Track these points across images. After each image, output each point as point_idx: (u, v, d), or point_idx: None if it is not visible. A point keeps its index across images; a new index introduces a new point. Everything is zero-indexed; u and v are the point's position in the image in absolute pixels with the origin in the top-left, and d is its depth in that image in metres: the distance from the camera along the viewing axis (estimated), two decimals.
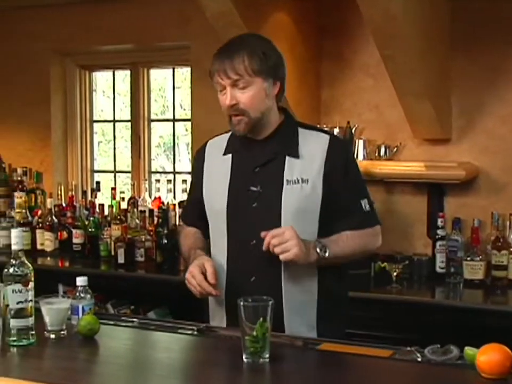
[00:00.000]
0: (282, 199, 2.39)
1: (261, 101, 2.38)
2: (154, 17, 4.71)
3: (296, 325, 2.39)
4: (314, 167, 2.40)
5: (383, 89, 4.09)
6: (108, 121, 5.42)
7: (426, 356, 2.01)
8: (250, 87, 2.35)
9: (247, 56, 2.34)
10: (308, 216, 2.40)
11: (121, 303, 4.12)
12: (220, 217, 2.48)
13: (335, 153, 2.42)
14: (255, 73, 2.35)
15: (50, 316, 2.17)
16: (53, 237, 4.63)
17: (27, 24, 5.12)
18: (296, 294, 2.40)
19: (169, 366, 2.00)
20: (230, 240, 2.46)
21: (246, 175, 2.46)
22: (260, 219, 2.40)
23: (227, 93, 2.36)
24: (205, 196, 2.55)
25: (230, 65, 2.33)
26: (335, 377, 1.91)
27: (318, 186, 2.39)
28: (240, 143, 2.48)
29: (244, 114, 2.37)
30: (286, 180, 2.39)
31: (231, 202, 2.45)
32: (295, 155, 2.42)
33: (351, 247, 2.45)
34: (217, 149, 2.56)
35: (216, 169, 2.53)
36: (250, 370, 1.93)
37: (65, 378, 1.84)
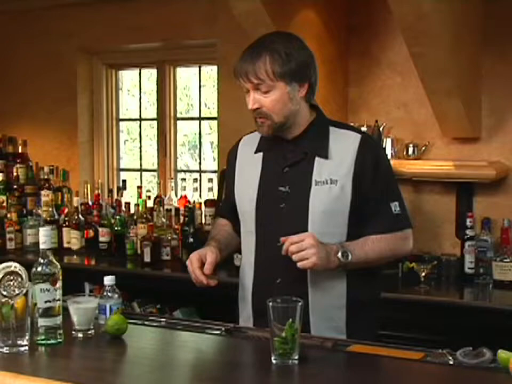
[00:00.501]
0: (309, 200, 2.36)
1: (284, 105, 2.35)
2: (181, 15, 4.70)
3: (322, 329, 2.36)
4: (343, 167, 2.36)
5: (411, 87, 4.05)
6: (134, 120, 5.42)
7: (458, 359, 1.97)
8: (272, 91, 2.32)
9: (269, 59, 2.30)
10: (336, 218, 2.37)
11: (147, 302, 4.12)
12: (249, 216, 2.47)
13: (365, 153, 2.38)
14: (277, 77, 2.31)
15: (78, 316, 2.17)
16: (79, 235, 4.64)
17: (54, 23, 5.14)
18: (324, 298, 2.37)
19: (197, 366, 1.99)
20: (258, 240, 2.45)
21: (275, 174, 2.43)
22: (287, 220, 2.38)
23: (250, 96, 2.35)
24: (236, 193, 2.54)
25: (252, 69, 2.31)
26: (365, 380, 1.88)
27: (347, 188, 2.35)
28: (271, 141, 2.46)
29: (267, 118, 2.35)
30: (314, 180, 2.36)
31: (260, 202, 2.44)
32: (325, 155, 2.38)
33: (377, 251, 2.40)
34: (249, 146, 2.54)
35: (247, 168, 2.52)
36: (279, 372, 1.90)
37: (93, 379, 1.83)
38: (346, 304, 2.39)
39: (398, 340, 2.60)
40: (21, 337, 2.03)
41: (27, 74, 5.30)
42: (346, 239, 2.37)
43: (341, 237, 2.36)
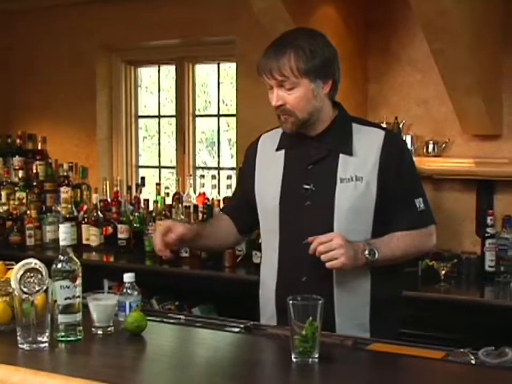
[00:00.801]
0: (335, 197, 2.34)
1: (308, 102, 2.33)
2: (201, 12, 4.69)
3: (347, 327, 2.35)
4: (368, 164, 2.34)
5: (431, 84, 4.03)
6: (152, 117, 5.43)
7: (480, 358, 1.95)
8: (297, 88, 2.31)
9: (293, 56, 2.28)
10: (361, 215, 2.35)
11: (165, 299, 4.13)
12: (272, 215, 2.44)
13: (390, 149, 2.36)
14: (301, 74, 2.29)
15: (98, 312, 2.16)
16: (98, 232, 4.66)
17: (75, 21, 5.17)
18: (348, 295, 2.36)
19: (216, 364, 1.97)
20: (281, 238, 2.43)
21: (299, 172, 2.41)
22: (313, 218, 2.36)
23: (274, 93, 2.33)
24: (257, 192, 2.52)
25: (276, 66, 2.29)
26: (385, 379, 1.87)
27: (373, 184, 2.33)
28: (293, 139, 2.44)
29: (291, 114, 2.33)
30: (339, 177, 2.34)
31: (284, 200, 2.41)
32: (349, 152, 2.36)
33: (402, 248, 2.39)
34: (270, 144, 2.52)
35: (269, 165, 2.49)
36: (299, 370, 1.89)
37: (113, 376, 1.82)
38: (370, 302, 2.38)
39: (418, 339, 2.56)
40: (41, 334, 2.03)
41: (48, 71, 5.32)
42: (371, 236, 2.35)
43: (366, 234, 2.35)
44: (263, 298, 2.52)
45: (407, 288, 3.38)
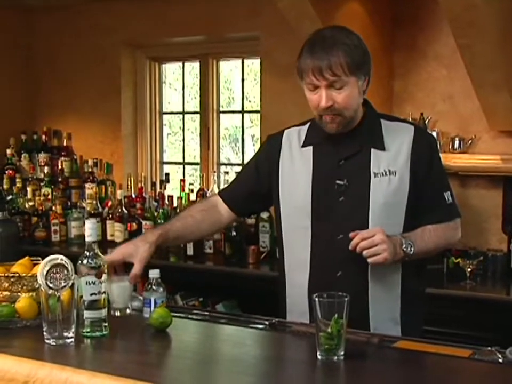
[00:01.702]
0: (370, 192, 2.33)
1: (355, 99, 2.31)
2: (224, 8, 4.69)
3: (380, 320, 2.35)
4: (400, 158, 2.35)
5: (457, 80, 3.99)
6: (177, 113, 5.44)
7: (508, 357, 1.93)
8: (346, 87, 2.26)
9: (343, 56, 2.23)
10: (395, 210, 2.35)
11: (189, 295, 4.14)
12: (302, 212, 2.40)
13: (420, 144, 2.37)
14: (351, 72, 2.25)
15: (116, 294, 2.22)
16: (122, 228, 4.67)
17: (98, 17, 5.19)
18: (381, 289, 2.36)
19: (241, 361, 1.97)
20: (314, 235, 2.39)
21: (330, 168, 2.39)
22: (347, 213, 2.35)
23: (322, 93, 2.27)
24: (282, 188, 2.47)
25: (327, 66, 2.23)
26: (412, 377, 1.85)
27: (405, 179, 2.33)
28: (321, 135, 2.41)
29: (339, 114, 2.29)
30: (373, 172, 2.34)
31: (316, 196, 2.38)
32: (381, 147, 2.36)
33: (434, 242, 2.39)
34: (295, 140, 2.49)
35: (296, 162, 2.46)
36: (325, 368, 1.88)
37: (137, 372, 1.82)
38: (400, 296, 2.38)
39: (443, 336, 2.57)
40: (67, 330, 2.04)
41: (72, 68, 5.35)
42: (402, 230, 2.35)
43: (399, 228, 2.34)
44: (291, 296, 2.48)
45: (433, 286, 3.39)
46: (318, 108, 2.30)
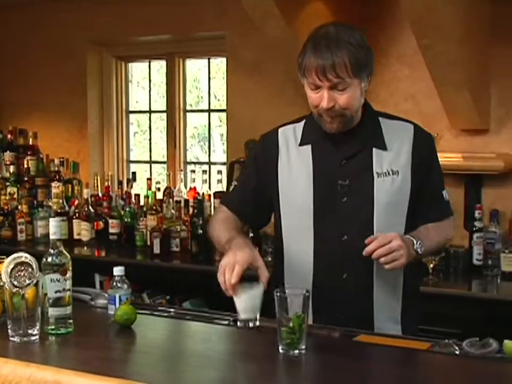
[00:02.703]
0: (374, 192, 2.31)
1: (357, 100, 2.27)
2: (191, 7, 4.71)
3: (383, 320, 2.36)
4: (402, 158, 2.34)
5: (419, 80, 4.05)
6: (143, 112, 5.45)
7: (465, 349, 1.99)
8: (349, 88, 2.22)
9: (348, 57, 2.18)
10: (397, 209, 2.34)
11: (156, 293, 4.15)
12: (304, 213, 2.36)
13: (421, 143, 2.37)
14: (355, 74, 2.21)
15: (247, 303, 2.10)
16: (89, 226, 4.68)
17: (65, 15, 5.17)
18: (385, 289, 2.35)
19: (206, 356, 2.00)
20: (316, 236, 2.35)
21: (332, 168, 2.35)
22: (351, 214, 2.32)
23: (324, 94, 2.22)
24: (281, 187, 2.42)
25: (331, 67, 2.17)
26: (371, 369, 1.90)
27: (407, 178, 2.33)
28: (319, 133, 2.36)
29: (341, 115, 2.26)
30: (376, 172, 2.32)
31: (318, 196, 2.34)
32: (382, 147, 2.34)
33: (436, 240, 2.42)
34: (291, 138, 2.44)
35: (294, 161, 2.41)
36: (286, 362, 1.92)
37: (103, 368, 1.84)
38: (402, 295, 2.39)
39: None
40: (32, 327, 2.05)
41: (38, 66, 5.33)
42: (405, 229, 2.35)
43: (401, 227, 2.34)
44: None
45: None
46: (318, 107, 2.26)
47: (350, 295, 2.33)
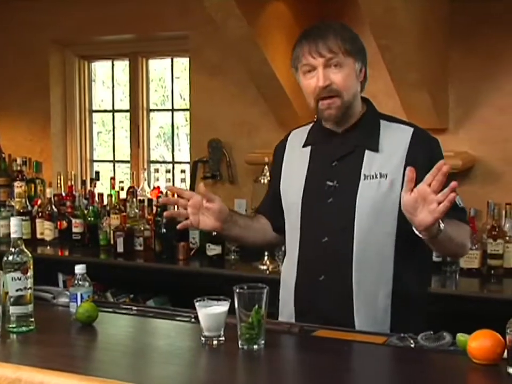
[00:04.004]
0: (358, 194, 2.26)
1: (353, 82, 2.28)
2: (154, 7, 4.72)
3: (367, 326, 2.26)
4: (394, 161, 2.26)
5: (380, 79, 4.08)
6: (107, 111, 5.44)
7: (420, 342, 2.04)
8: (343, 67, 2.25)
9: (340, 35, 2.25)
10: (384, 215, 2.25)
11: (120, 292, 4.16)
12: (294, 212, 2.38)
13: (418, 146, 2.27)
14: (347, 52, 2.25)
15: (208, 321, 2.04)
16: (52, 226, 4.66)
17: (27, 14, 5.14)
18: (368, 296, 2.27)
19: (167, 352, 2.03)
20: (302, 236, 2.37)
21: (323, 169, 2.36)
22: (334, 215, 2.30)
23: (319, 73, 2.24)
24: (282, 188, 2.47)
25: (324, 43, 2.23)
26: (328, 363, 1.94)
27: (397, 183, 2.23)
28: (320, 135, 2.40)
29: (338, 95, 2.25)
30: (363, 174, 2.27)
31: (306, 196, 2.36)
32: (375, 149, 2.29)
33: (456, 235, 2.19)
34: (298, 140, 2.47)
35: (295, 162, 2.44)
36: (246, 357, 1.96)
37: (65, 365, 1.86)
38: (391, 302, 2.28)
39: None
40: None
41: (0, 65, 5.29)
42: (396, 239, 2.25)
43: (390, 235, 2.25)
44: (282, 299, 2.44)
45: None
46: (315, 90, 2.26)
47: (329, 298, 2.28)
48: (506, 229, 3.74)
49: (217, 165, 4.58)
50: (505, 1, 3.83)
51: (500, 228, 3.73)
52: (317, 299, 2.30)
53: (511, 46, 3.86)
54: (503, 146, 3.93)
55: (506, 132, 3.92)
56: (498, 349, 1.83)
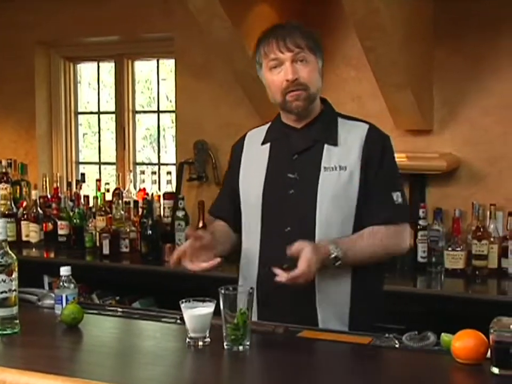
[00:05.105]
0: (318, 185, 2.37)
1: (317, 77, 2.41)
2: (139, 9, 4.71)
3: (328, 319, 2.37)
4: (352, 154, 2.39)
5: (365, 80, 4.11)
6: (92, 113, 5.43)
7: (404, 343, 2.05)
8: (308, 62, 2.37)
9: (305, 32, 2.38)
10: (344, 204, 2.37)
11: (106, 294, 4.15)
12: (254, 205, 2.45)
13: (373, 141, 2.42)
14: (311, 49, 2.37)
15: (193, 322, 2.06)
16: (38, 228, 4.65)
17: (12, 15, 5.12)
18: (330, 286, 2.36)
19: (152, 353, 2.03)
20: (263, 228, 2.44)
21: (283, 162, 2.44)
22: (296, 206, 2.39)
23: (287, 68, 2.35)
24: (241, 185, 2.53)
25: (291, 39, 2.34)
26: (314, 363, 1.95)
27: (356, 174, 2.37)
28: (279, 132, 2.50)
29: (305, 89, 2.36)
30: (323, 166, 2.38)
31: (267, 189, 2.44)
32: (334, 143, 2.40)
33: (370, 250, 2.38)
34: (256, 139, 2.56)
35: (254, 159, 2.52)
36: (231, 358, 1.96)
37: (50, 366, 1.86)
38: (350, 295, 2.39)
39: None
40: None
41: None
42: (353, 226, 2.38)
43: (348, 224, 2.37)
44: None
45: None
46: (283, 85, 2.36)
47: (292, 289, 2.29)
48: (491, 230, 3.77)
49: (203, 167, 4.58)
50: (491, 2, 3.85)
51: (484, 229, 3.75)
52: (280, 288, 2.28)
53: (495, 47, 3.88)
54: (487, 147, 3.95)
55: (491, 133, 3.94)
56: (482, 349, 1.84)
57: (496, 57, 3.89)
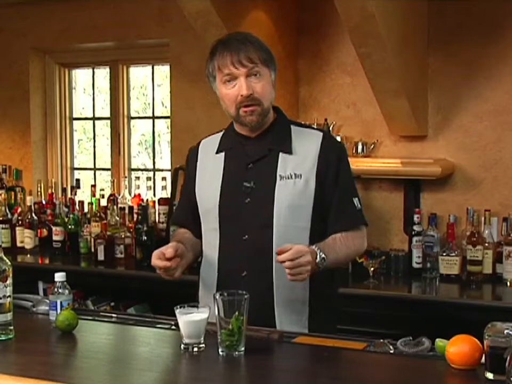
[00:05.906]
0: (275, 194, 2.39)
1: (270, 90, 2.41)
2: (134, 15, 4.73)
3: (286, 322, 2.39)
4: (307, 162, 2.41)
5: (360, 87, 4.13)
6: (88, 119, 5.43)
7: (399, 348, 2.06)
8: (262, 76, 2.38)
9: (257, 46, 2.38)
10: (300, 212, 2.40)
11: (101, 300, 4.14)
12: (212, 214, 2.48)
13: (328, 149, 2.44)
14: (265, 62, 2.38)
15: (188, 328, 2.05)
16: (32, 234, 4.65)
17: (7, 21, 5.13)
18: (288, 290, 2.38)
19: (147, 359, 2.03)
20: (221, 236, 2.47)
21: (239, 171, 2.46)
22: (252, 214, 2.41)
23: (242, 83, 2.35)
24: (197, 194, 2.55)
25: (245, 54, 2.34)
26: (309, 369, 1.95)
27: (311, 182, 2.40)
28: (233, 141, 2.51)
29: (258, 104, 2.38)
30: (279, 175, 2.40)
31: (224, 198, 2.45)
32: (289, 151, 2.43)
33: (344, 252, 2.44)
34: (210, 148, 2.57)
35: (209, 167, 2.54)
36: (226, 363, 1.96)
37: (44, 373, 1.86)
38: (309, 298, 2.42)
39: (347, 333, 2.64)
40: None
41: None
42: (310, 233, 2.40)
43: (305, 231, 2.40)
44: (203, 298, 2.52)
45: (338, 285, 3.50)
46: (237, 99, 2.37)
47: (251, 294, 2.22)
48: (486, 236, 3.78)
49: None
50: (485, 9, 3.86)
51: (479, 234, 3.76)
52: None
53: (489, 54, 3.90)
54: (482, 153, 3.97)
55: (486, 139, 3.96)
56: (476, 354, 1.85)
57: (489, 64, 3.91)
